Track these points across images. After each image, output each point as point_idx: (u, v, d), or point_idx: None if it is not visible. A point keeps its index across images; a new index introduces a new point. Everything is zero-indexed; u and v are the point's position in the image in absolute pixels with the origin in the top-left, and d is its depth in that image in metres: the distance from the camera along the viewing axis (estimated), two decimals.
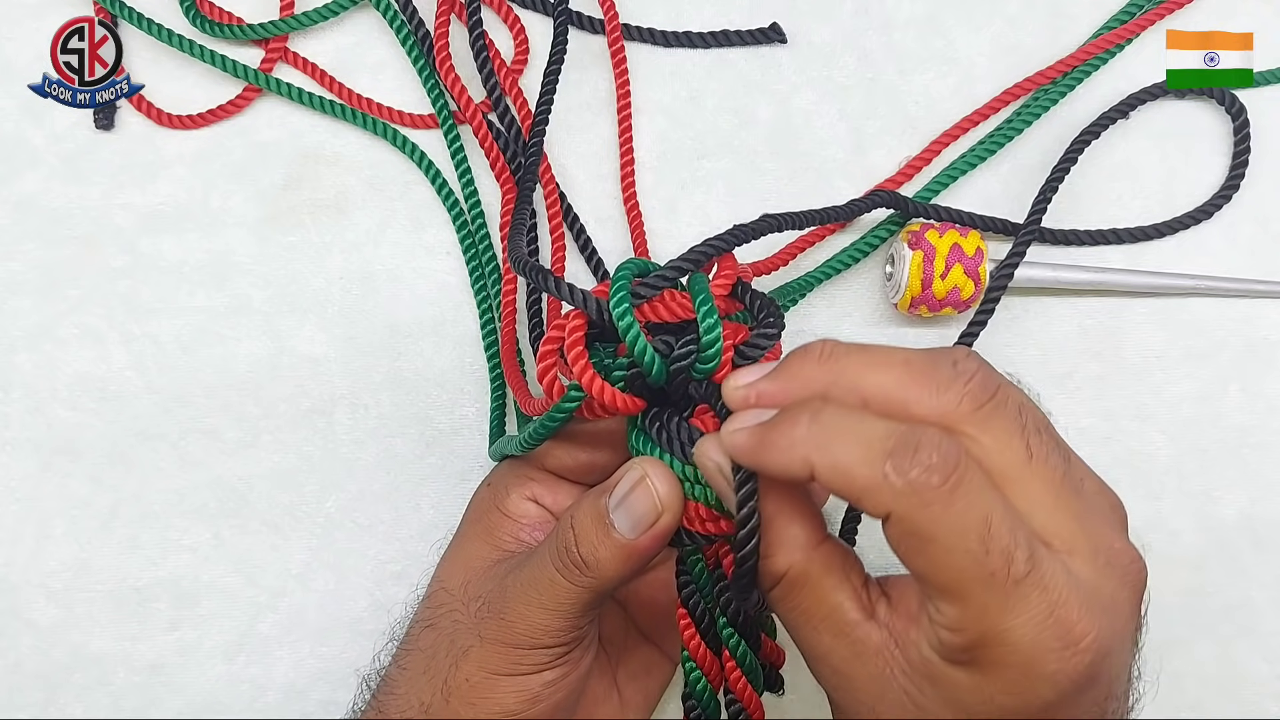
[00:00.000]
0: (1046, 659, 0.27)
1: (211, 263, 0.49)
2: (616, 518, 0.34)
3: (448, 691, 0.37)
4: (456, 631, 0.37)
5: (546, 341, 0.36)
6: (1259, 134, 0.51)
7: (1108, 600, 0.28)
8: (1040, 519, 0.28)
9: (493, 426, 0.47)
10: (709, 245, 0.36)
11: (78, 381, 0.48)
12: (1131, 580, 0.29)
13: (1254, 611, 0.49)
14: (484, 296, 0.48)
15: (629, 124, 0.50)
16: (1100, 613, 0.27)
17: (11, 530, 0.48)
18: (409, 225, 0.49)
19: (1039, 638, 0.27)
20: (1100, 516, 0.30)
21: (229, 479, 0.48)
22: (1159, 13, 0.51)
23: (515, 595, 0.36)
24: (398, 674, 0.39)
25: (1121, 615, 0.29)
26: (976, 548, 0.26)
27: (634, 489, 0.34)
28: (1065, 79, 0.51)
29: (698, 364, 0.35)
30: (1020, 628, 0.27)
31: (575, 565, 0.35)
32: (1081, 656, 0.27)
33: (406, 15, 0.50)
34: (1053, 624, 0.27)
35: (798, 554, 0.31)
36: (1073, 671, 0.27)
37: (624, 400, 0.35)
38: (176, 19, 0.50)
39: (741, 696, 0.36)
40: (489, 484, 0.42)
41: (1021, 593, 0.27)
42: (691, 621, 0.36)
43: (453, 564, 0.40)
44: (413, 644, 0.39)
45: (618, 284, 0.34)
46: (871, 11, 0.52)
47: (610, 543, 0.34)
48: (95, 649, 0.47)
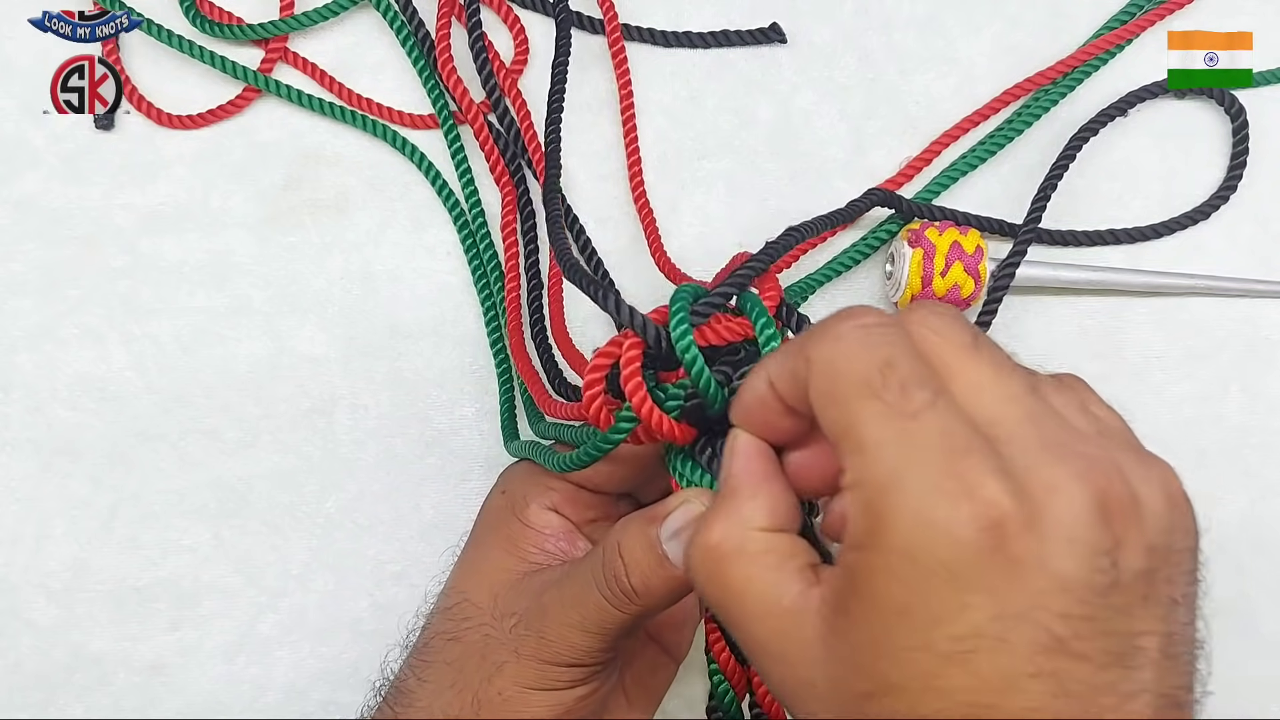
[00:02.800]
0: (936, 503, 0.24)
1: (211, 263, 0.49)
2: (671, 548, 0.34)
3: (478, 705, 0.36)
4: (489, 646, 0.37)
5: (593, 368, 0.35)
6: (1258, 134, 0.51)
7: (1043, 485, 0.24)
8: (981, 404, 0.25)
9: (504, 422, 0.47)
10: (752, 266, 0.35)
11: (78, 381, 0.48)
12: (1120, 504, 0.24)
13: (1254, 611, 0.50)
14: (487, 295, 0.48)
15: (633, 124, 0.50)
16: (1018, 487, 0.24)
17: (11, 530, 0.48)
18: (409, 226, 0.49)
19: (928, 476, 0.24)
20: (1073, 432, 0.26)
21: (229, 479, 0.48)
22: (1159, 13, 0.51)
23: (555, 616, 0.36)
24: (416, 685, 0.38)
25: (1075, 515, 0.24)
26: (875, 378, 0.25)
27: (692, 522, 0.33)
28: (1065, 79, 0.51)
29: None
30: (914, 468, 0.24)
31: (625, 594, 0.34)
32: (976, 508, 0.23)
33: (406, 16, 0.50)
34: (948, 464, 0.24)
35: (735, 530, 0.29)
36: (965, 525, 0.23)
37: (681, 430, 0.34)
38: (176, 19, 0.50)
39: (770, 711, 0.36)
40: (504, 491, 0.41)
41: (919, 427, 0.24)
42: (720, 632, 0.36)
43: (475, 575, 0.40)
44: (434, 656, 0.38)
45: (679, 309, 0.33)
46: (872, 11, 0.52)
47: (664, 574, 0.34)
48: (95, 649, 0.47)
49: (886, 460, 0.25)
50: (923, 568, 0.24)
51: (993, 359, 0.26)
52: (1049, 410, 0.26)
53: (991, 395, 0.26)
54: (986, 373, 0.26)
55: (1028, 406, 0.26)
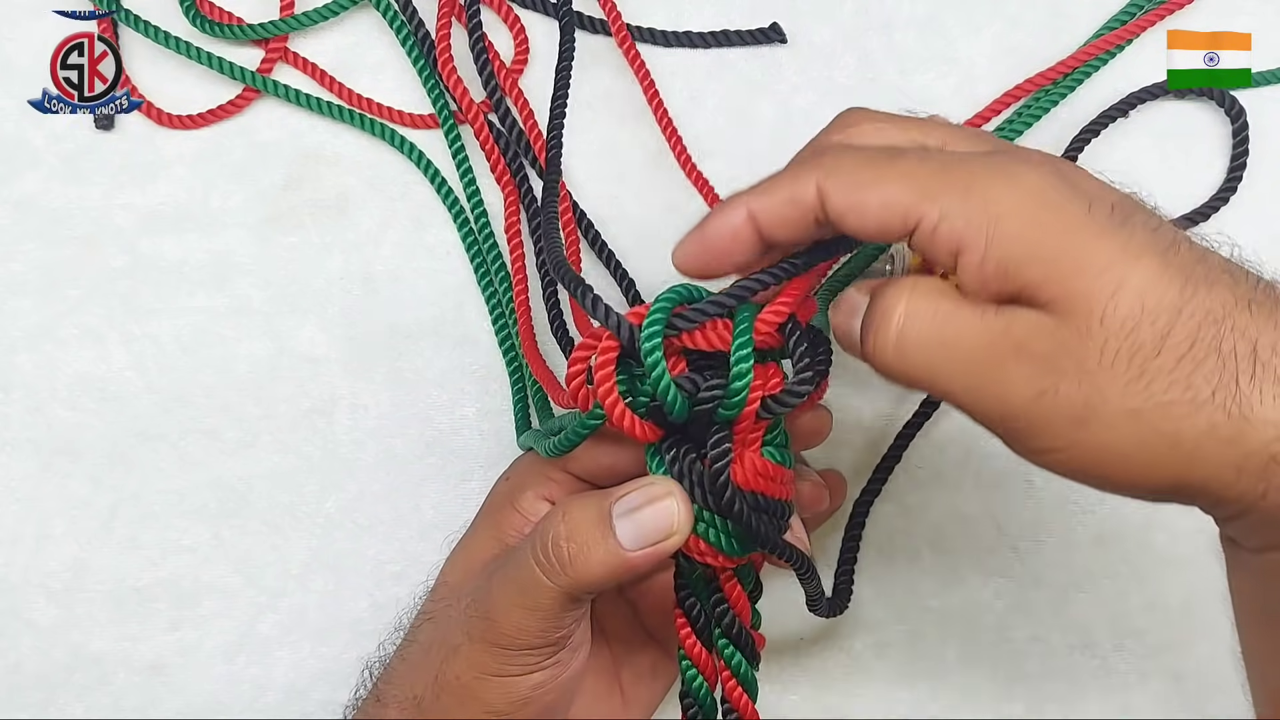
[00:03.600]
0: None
1: (211, 263, 0.49)
2: (620, 525, 0.34)
3: (439, 687, 0.36)
4: (450, 628, 0.37)
5: (575, 360, 0.35)
6: (1258, 134, 0.51)
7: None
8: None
9: (517, 416, 0.47)
10: (759, 279, 0.34)
11: (78, 381, 0.48)
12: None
13: None
14: (491, 293, 0.48)
15: (665, 116, 0.49)
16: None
17: (11, 530, 0.48)
18: (409, 226, 0.49)
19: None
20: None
21: (229, 479, 0.48)
22: (1159, 13, 0.51)
23: (498, 594, 0.36)
24: (398, 663, 0.39)
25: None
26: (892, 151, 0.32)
27: (651, 503, 0.34)
28: (1066, 80, 0.51)
29: (720, 409, 0.34)
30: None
31: (558, 561, 0.34)
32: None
33: (406, 16, 0.50)
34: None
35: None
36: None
37: (642, 428, 0.34)
38: (176, 19, 0.50)
39: (738, 705, 0.36)
40: (508, 478, 0.42)
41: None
42: (688, 622, 0.36)
43: (458, 557, 0.40)
44: (414, 635, 0.39)
45: (654, 315, 0.34)
46: (872, 12, 0.52)
47: (605, 547, 0.34)
48: (95, 649, 0.47)
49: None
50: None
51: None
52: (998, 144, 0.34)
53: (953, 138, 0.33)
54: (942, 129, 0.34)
55: (984, 140, 0.34)
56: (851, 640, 0.48)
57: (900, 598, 0.48)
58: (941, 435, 0.48)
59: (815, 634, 0.48)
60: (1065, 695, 0.48)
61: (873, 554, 0.48)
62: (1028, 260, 0.29)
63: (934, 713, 0.48)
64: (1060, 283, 0.29)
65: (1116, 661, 0.48)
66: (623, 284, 0.48)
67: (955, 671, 0.48)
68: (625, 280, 0.48)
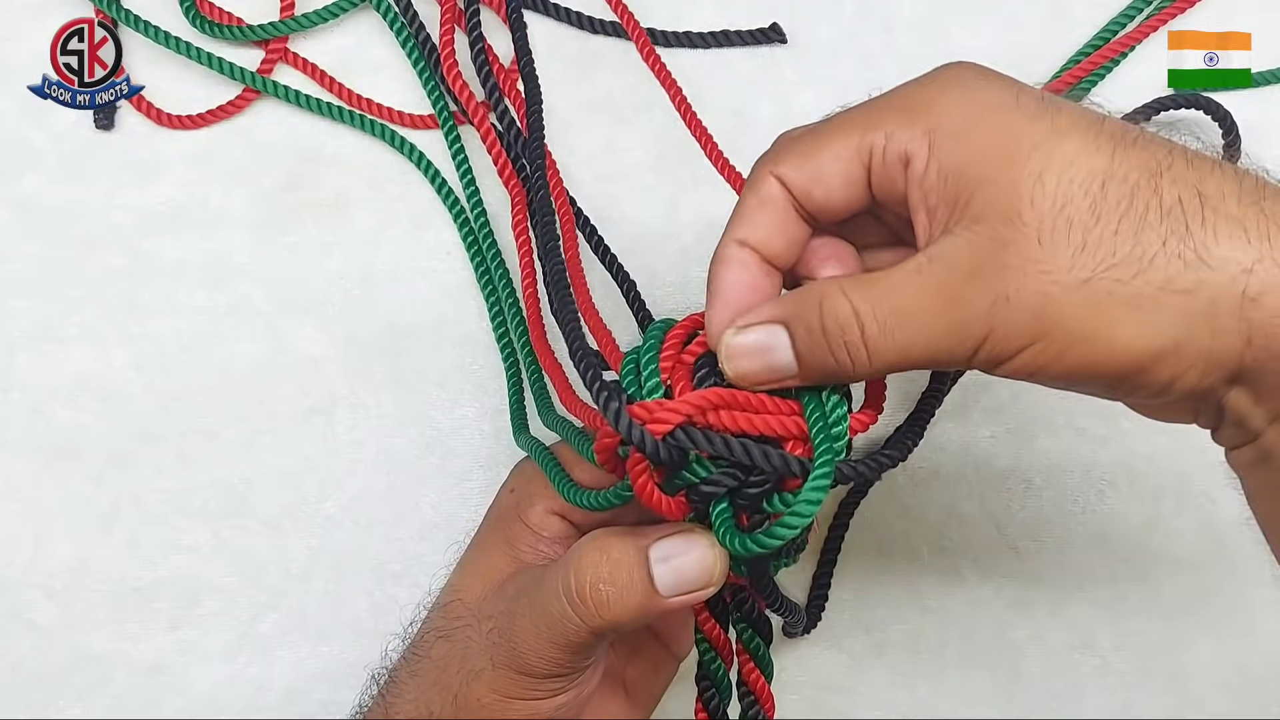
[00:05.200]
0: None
1: (211, 263, 0.49)
2: (659, 570, 0.33)
3: (458, 707, 0.36)
4: (469, 650, 0.37)
5: (601, 449, 0.34)
6: (1259, 134, 0.51)
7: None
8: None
9: (513, 413, 0.47)
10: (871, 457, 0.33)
11: (78, 381, 0.48)
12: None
13: (1254, 611, 0.49)
14: (491, 291, 0.48)
15: (688, 109, 0.49)
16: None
17: (11, 530, 0.48)
18: (409, 226, 0.49)
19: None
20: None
21: (229, 479, 0.48)
22: (1161, 18, 0.51)
23: (525, 626, 0.35)
24: (408, 679, 0.38)
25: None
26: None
27: (694, 551, 0.33)
28: (1071, 92, 0.51)
29: (768, 536, 0.31)
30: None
31: (595, 604, 0.33)
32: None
33: (407, 18, 0.50)
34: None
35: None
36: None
37: (675, 506, 0.33)
38: (176, 20, 0.50)
39: (754, 687, 0.37)
40: (512, 489, 0.41)
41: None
42: (705, 605, 0.37)
43: (471, 574, 0.39)
44: (425, 652, 0.38)
45: (695, 468, 0.32)
46: (872, 11, 0.52)
47: (642, 590, 0.33)
48: (95, 649, 0.47)
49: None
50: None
51: None
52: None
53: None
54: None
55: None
56: (851, 640, 0.48)
57: (900, 598, 0.48)
58: (942, 435, 0.48)
59: (815, 634, 0.48)
60: (1065, 695, 0.48)
61: (873, 554, 0.48)
62: (969, 160, 0.29)
63: (934, 713, 0.48)
64: (995, 181, 0.28)
65: (1116, 661, 0.48)
66: (623, 285, 0.48)
67: (955, 671, 0.48)
68: (625, 281, 0.48)
